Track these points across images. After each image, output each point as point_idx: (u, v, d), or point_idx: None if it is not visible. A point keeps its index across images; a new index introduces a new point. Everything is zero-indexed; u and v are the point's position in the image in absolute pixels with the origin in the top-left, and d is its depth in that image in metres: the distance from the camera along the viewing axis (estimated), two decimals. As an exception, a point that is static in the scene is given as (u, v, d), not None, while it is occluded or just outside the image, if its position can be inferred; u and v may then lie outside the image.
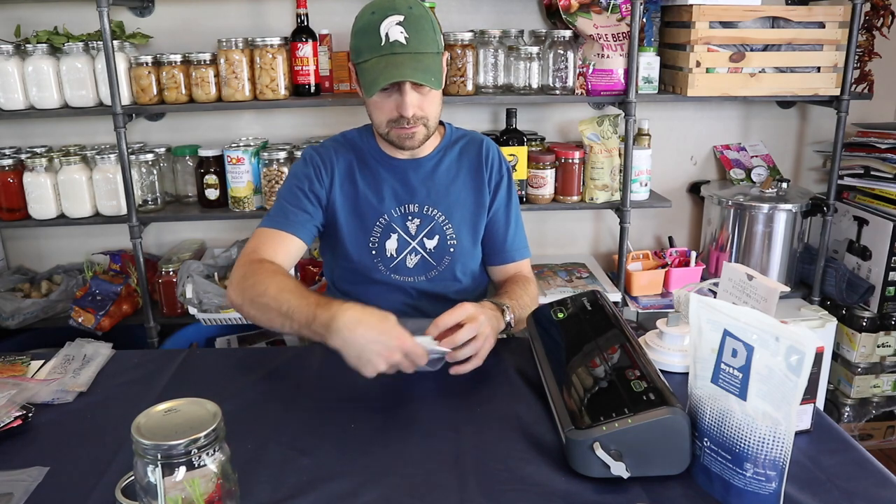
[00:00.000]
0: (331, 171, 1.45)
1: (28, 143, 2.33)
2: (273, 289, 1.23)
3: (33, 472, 0.96)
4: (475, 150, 1.51)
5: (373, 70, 1.29)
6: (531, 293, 1.47)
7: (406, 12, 1.28)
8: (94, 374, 1.24)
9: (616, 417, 0.91)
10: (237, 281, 1.31)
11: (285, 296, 1.21)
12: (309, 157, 1.47)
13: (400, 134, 1.36)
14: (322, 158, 1.46)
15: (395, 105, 1.33)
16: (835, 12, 2.14)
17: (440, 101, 1.39)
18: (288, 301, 1.20)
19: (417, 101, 1.32)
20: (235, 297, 1.30)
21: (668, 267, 2.31)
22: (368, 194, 1.45)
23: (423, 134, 1.38)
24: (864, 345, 2.37)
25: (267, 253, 1.35)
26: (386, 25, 1.27)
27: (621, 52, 2.10)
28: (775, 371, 0.82)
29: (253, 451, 1.00)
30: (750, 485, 0.86)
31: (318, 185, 1.43)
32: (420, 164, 1.47)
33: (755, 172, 2.39)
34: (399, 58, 1.27)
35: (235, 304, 1.30)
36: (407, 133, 1.36)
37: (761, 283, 1.12)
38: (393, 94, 1.32)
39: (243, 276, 1.30)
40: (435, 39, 1.33)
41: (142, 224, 2.14)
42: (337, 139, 1.51)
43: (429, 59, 1.30)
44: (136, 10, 2.24)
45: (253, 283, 1.27)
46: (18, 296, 2.23)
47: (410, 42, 1.28)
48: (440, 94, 1.38)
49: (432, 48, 1.32)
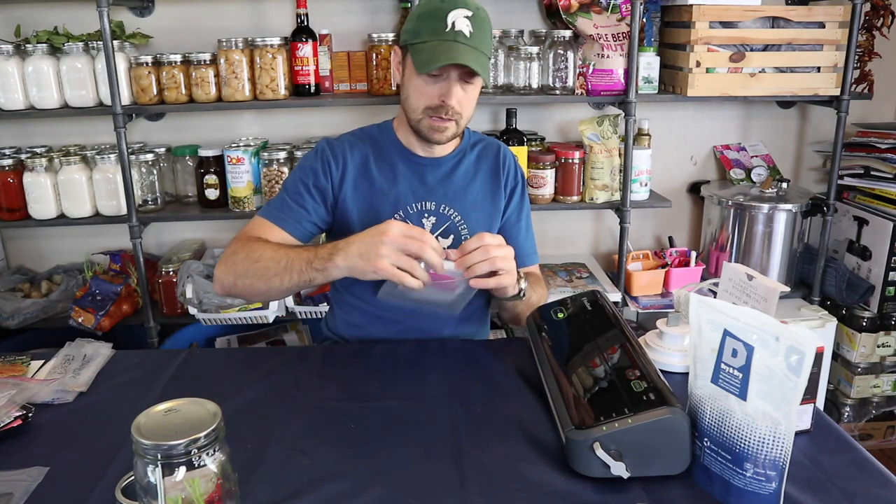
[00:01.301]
0: (342, 165, 1.43)
1: (28, 143, 2.33)
2: (269, 251, 1.27)
3: (33, 472, 0.96)
4: (493, 155, 1.53)
5: (432, 50, 1.29)
6: (540, 287, 1.50)
7: (474, 10, 1.31)
8: (94, 374, 1.24)
9: (616, 417, 0.91)
10: (227, 257, 1.32)
11: (281, 253, 1.26)
12: (320, 150, 1.45)
13: (433, 125, 1.36)
14: (334, 152, 1.44)
15: (439, 92, 1.33)
16: (835, 12, 2.15)
17: (474, 105, 1.41)
18: (286, 255, 1.25)
19: (461, 96, 1.34)
20: (225, 275, 1.31)
21: (668, 267, 2.31)
22: (385, 188, 1.44)
23: (453, 131, 1.38)
24: (864, 345, 2.37)
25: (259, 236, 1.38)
26: (454, 15, 1.30)
27: (621, 52, 2.10)
28: (775, 371, 0.82)
29: (253, 451, 1.00)
30: (750, 485, 0.86)
31: (324, 179, 1.42)
32: (439, 163, 1.47)
33: (755, 172, 2.39)
34: (461, 46, 1.29)
35: (226, 284, 1.32)
36: (440, 125, 1.36)
37: (761, 283, 1.12)
38: (440, 81, 1.33)
39: (233, 251, 1.32)
40: (490, 45, 1.37)
41: (142, 224, 2.14)
42: (355, 133, 1.51)
43: (485, 60, 1.33)
44: (136, 10, 2.24)
45: (245, 254, 1.29)
46: (18, 296, 2.23)
47: (474, 37, 1.30)
48: (476, 99, 1.40)
49: (489, 51, 1.35)
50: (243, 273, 1.29)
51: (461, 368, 1.27)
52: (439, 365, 1.29)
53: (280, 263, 1.24)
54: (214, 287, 1.36)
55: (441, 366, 1.29)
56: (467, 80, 1.33)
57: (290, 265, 1.23)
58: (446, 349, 1.34)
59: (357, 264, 1.15)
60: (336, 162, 1.43)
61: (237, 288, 1.31)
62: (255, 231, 1.38)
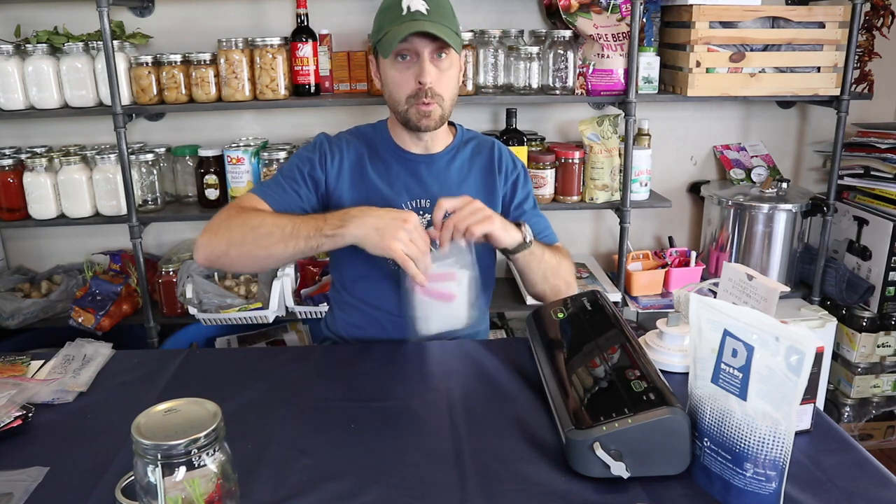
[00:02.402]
0: (338, 160, 1.45)
1: (28, 143, 2.33)
2: (270, 218, 1.28)
3: (33, 472, 0.96)
4: (487, 153, 1.53)
5: (392, 34, 1.31)
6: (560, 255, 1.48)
7: None
8: (94, 374, 1.24)
9: (616, 417, 0.91)
10: (217, 225, 1.31)
11: (285, 220, 1.26)
12: (319, 142, 1.48)
13: (419, 110, 1.37)
14: (331, 146, 1.47)
15: (414, 76, 1.35)
16: (835, 12, 2.14)
17: (455, 88, 1.42)
18: (291, 221, 1.26)
19: (435, 74, 1.35)
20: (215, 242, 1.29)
21: (668, 267, 2.31)
22: (380, 187, 1.45)
23: (438, 113, 1.39)
24: (864, 345, 2.37)
25: None
26: (408, 0, 1.32)
27: (621, 52, 2.10)
28: (775, 371, 0.82)
29: (253, 451, 1.00)
30: (750, 485, 0.86)
31: (319, 171, 1.44)
32: (433, 159, 1.48)
33: (755, 172, 2.39)
34: (419, 22, 1.31)
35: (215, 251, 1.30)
36: (425, 110, 1.37)
37: (761, 283, 1.12)
38: (412, 66, 1.35)
39: (227, 218, 1.31)
40: (454, 22, 1.37)
41: (142, 224, 2.14)
42: (351, 131, 1.53)
43: (448, 32, 1.33)
44: (136, 10, 2.24)
45: (243, 221, 1.29)
46: (18, 296, 2.23)
47: (432, 13, 1.32)
48: (456, 79, 1.41)
49: (453, 26, 1.35)
50: (240, 240, 1.28)
51: (461, 368, 1.27)
52: (439, 365, 1.29)
53: (285, 230, 1.25)
54: (196, 255, 1.33)
55: (441, 366, 1.29)
56: (437, 57, 1.34)
57: (297, 231, 1.24)
58: (446, 349, 1.34)
59: (371, 237, 1.18)
60: (332, 156, 1.45)
61: (229, 256, 1.29)
62: (245, 204, 1.37)
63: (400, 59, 1.35)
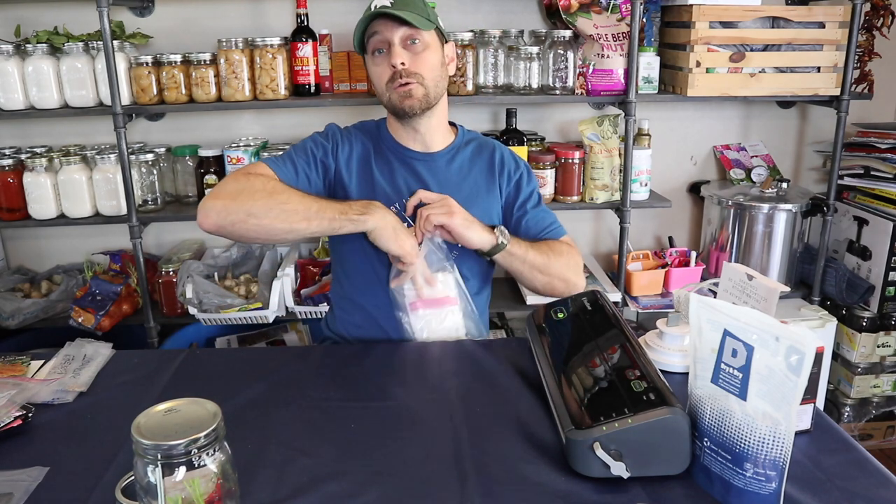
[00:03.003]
0: (348, 151, 1.48)
1: (28, 143, 2.33)
2: (296, 195, 1.32)
3: (33, 472, 0.96)
4: (488, 154, 1.54)
5: (358, 29, 1.40)
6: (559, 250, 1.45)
7: None
8: (94, 374, 1.24)
9: (616, 417, 0.91)
10: (236, 192, 1.29)
11: (310, 200, 1.32)
12: (331, 132, 1.51)
13: (398, 92, 1.40)
14: (342, 136, 1.50)
15: (388, 63, 1.40)
16: (835, 12, 2.14)
17: (437, 68, 1.43)
18: (316, 202, 1.32)
19: (408, 58, 1.39)
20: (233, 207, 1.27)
21: (668, 267, 2.31)
22: (383, 183, 1.46)
23: (420, 92, 1.40)
24: (864, 345, 2.37)
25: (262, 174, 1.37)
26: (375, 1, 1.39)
27: (621, 52, 2.10)
28: (775, 371, 0.82)
29: (253, 451, 1.00)
30: (750, 485, 0.86)
31: (330, 158, 1.47)
32: (433, 158, 1.49)
33: (755, 172, 2.39)
34: (383, 12, 1.36)
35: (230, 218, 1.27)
36: (403, 91, 1.39)
37: (761, 283, 1.12)
38: (387, 56, 1.40)
39: (248, 187, 1.29)
40: (423, 9, 1.40)
41: (142, 224, 2.14)
42: (357, 126, 1.56)
43: (414, 18, 1.36)
44: (136, 10, 2.24)
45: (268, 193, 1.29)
46: (18, 296, 2.23)
47: (396, 3, 1.36)
48: (435, 60, 1.42)
49: (419, 11, 1.38)
50: (264, 211, 1.27)
51: (461, 368, 1.27)
52: (439, 365, 1.29)
53: (311, 208, 1.30)
54: (203, 219, 1.29)
55: (441, 366, 1.29)
56: (411, 43, 1.39)
57: (322, 212, 1.30)
58: (446, 349, 1.34)
59: (388, 231, 1.30)
60: (343, 146, 1.49)
61: (246, 225, 1.27)
62: (256, 171, 1.36)
63: (377, 54, 1.41)
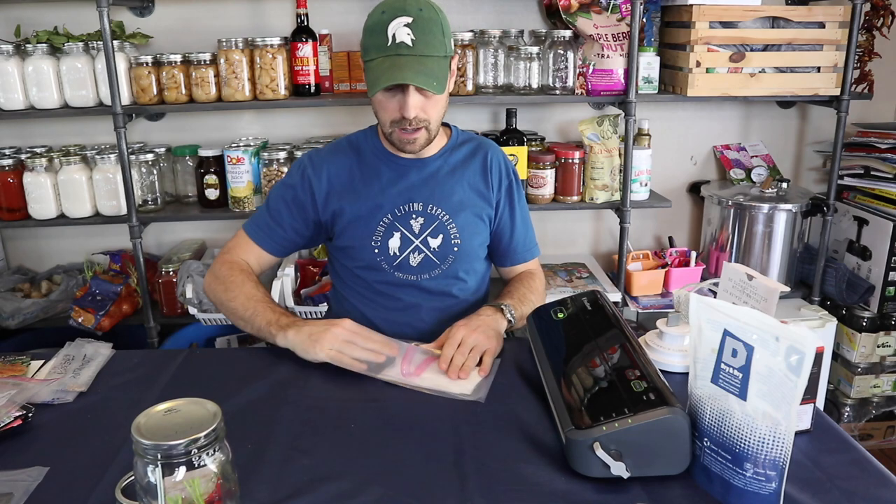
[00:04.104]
0: (325, 176, 1.46)
1: (28, 143, 2.33)
2: (242, 297, 1.38)
3: (33, 472, 0.96)
4: (481, 155, 1.52)
5: (377, 69, 1.29)
6: (536, 288, 1.51)
7: (415, 14, 1.27)
8: (94, 374, 1.24)
9: (616, 417, 0.91)
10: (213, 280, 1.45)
11: (251, 304, 1.36)
12: (301, 165, 1.48)
13: (402, 137, 1.37)
14: (315, 167, 1.47)
15: (398, 105, 1.33)
16: (835, 12, 2.14)
17: (444, 105, 1.39)
18: (254, 307, 1.35)
19: (420, 104, 1.33)
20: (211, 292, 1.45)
21: (668, 267, 2.31)
22: (371, 194, 1.45)
23: (424, 138, 1.38)
24: (864, 345, 2.37)
25: (241, 255, 1.48)
26: (394, 26, 1.27)
27: (621, 52, 2.10)
28: (775, 371, 0.82)
29: (253, 451, 1.00)
30: (750, 485, 0.86)
31: (302, 194, 1.46)
32: (425, 163, 1.47)
33: (755, 172, 2.39)
34: (403, 59, 1.27)
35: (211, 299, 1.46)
36: (408, 138, 1.37)
37: (761, 283, 1.12)
38: (397, 94, 1.32)
39: (218, 276, 1.44)
40: (443, 43, 1.31)
41: (142, 224, 2.14)
42: (340, 143, 1.52)
43: (434, 62, 1.30)
44: (136, 10, 2.24)
45: (225, 288, 1.41)
46: (18, 296, 2.23)
47: (417, 45, 1.28)
48: (445, 98, 1.38)
49: (439, 52, 1.31)
50: (220, 304, 1.42)
51: (461, 368, 1.27)
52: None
53: (247, 312, 1.35)
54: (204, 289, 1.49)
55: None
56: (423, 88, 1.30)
57: (254, 319, 1.34)
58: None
59: (304, 343, 1.24)
60: (317, 174, 1.46)
61: (219, 308, 1.45)
62: (237, 248, 1.49)
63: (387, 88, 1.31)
